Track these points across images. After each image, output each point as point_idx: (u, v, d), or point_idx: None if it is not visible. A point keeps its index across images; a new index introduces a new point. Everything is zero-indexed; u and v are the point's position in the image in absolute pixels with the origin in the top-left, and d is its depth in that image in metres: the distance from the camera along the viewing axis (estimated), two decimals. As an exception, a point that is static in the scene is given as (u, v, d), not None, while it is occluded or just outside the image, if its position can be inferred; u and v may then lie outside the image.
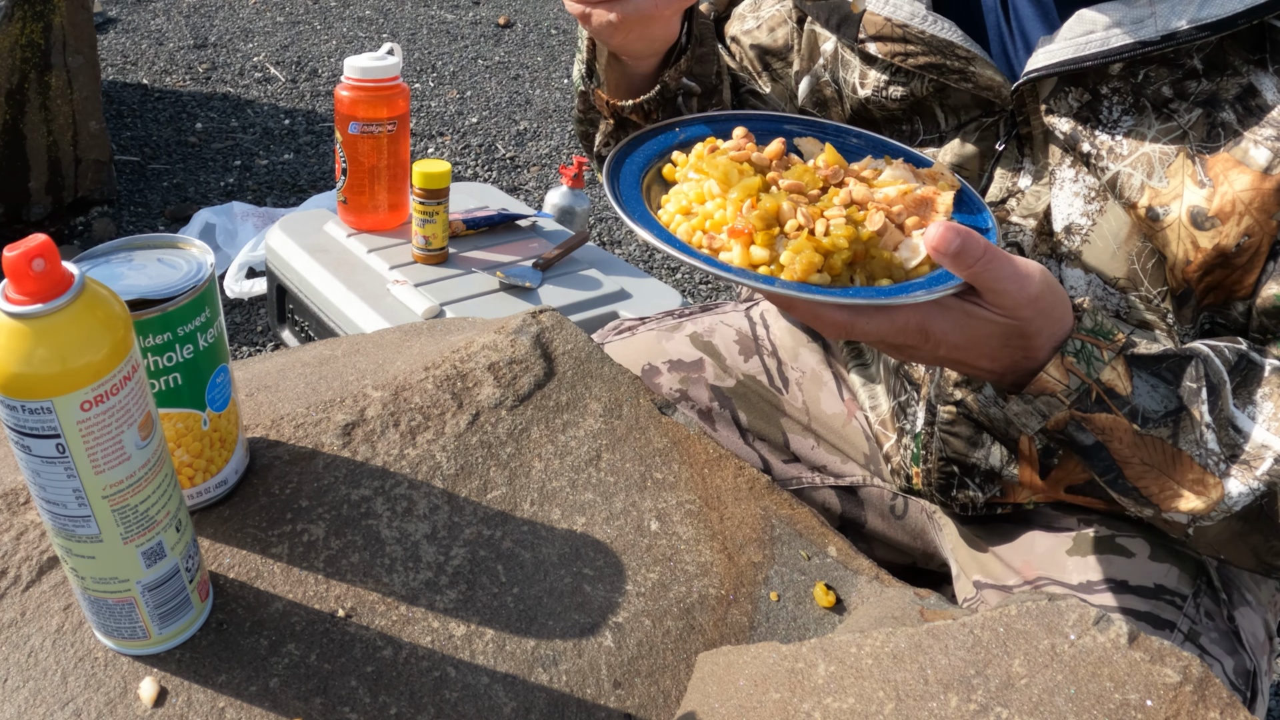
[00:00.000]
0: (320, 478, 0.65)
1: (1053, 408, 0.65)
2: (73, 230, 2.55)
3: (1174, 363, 0.65)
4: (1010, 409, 0.67)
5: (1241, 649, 0.77)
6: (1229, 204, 0.66)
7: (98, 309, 0.45)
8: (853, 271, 0.63)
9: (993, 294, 0.61)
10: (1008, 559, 0.86)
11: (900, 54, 0.78)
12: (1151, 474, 0.65)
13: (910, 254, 0.63)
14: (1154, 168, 0.69)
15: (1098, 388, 0.64)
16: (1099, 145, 0.71)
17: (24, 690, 0.52)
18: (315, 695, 0.54)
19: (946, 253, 0.58)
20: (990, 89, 0.75)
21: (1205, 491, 0.64)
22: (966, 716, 0.50)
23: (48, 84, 2.40)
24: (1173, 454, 0.64)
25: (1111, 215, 0.72)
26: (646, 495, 0.69)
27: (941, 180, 0.71)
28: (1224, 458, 0.64)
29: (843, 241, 0.61)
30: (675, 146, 0.74)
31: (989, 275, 0.59)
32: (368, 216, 1.67)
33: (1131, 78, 0.69)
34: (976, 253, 0.58)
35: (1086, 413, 0.64)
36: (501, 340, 0.77)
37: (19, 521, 0.60)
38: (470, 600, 0.60)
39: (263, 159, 3.03)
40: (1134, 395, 0.64)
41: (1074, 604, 0.54)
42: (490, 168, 3.18)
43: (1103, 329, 0.64)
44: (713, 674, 0.57)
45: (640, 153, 0.72)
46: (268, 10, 4.24)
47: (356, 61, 1.55)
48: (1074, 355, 0.63)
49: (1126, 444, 0.65)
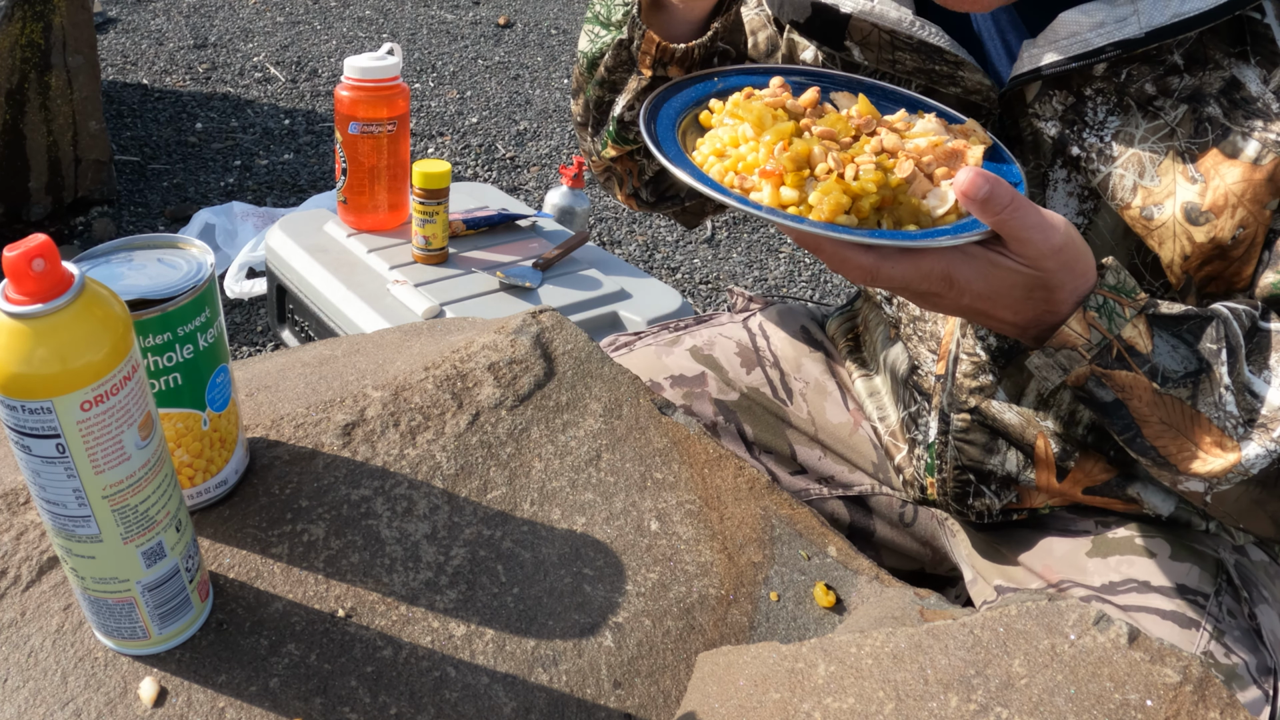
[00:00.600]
0: (320, 478, 0.65)
1: (1074, 361, 0.65)
2: (73, 230, 2.55)
3: (1195, 323, 0.65)
4: (1032, 361, 0.67)
5: (1263, 646, 0.78)
6: (1222, 198, 0.67)
7: (98, 309, 0.45)
8: (880, 217, 0.63)
9: (1018, 242, 0.60)
10: (1028, 564, 0.86)
11: (888, 60, 0.78)
12: (1170, 433, 0.65)
13: (938, 202, 0.64)
14: (1145, 167, 0.69)
15: (1119, 344, 0.64)
16: (1088, 148, 0.71)
17: (24, 690, 0.52)
18: (315, 695, 0.54)
19: (975, 198, 0.58)
20: (978, 93, 0.75)
21: (1223, 454, 0.64)
22: (966, 716, 0.50)
23: (48, 84, 2.40)
24: (1191, 415, 0.64)
25: (1106, 213, 0.73)
26: (646, 495, 0.69)
27: (974, 136, 0.71)
28: (1241, 421, 0.64)
29: (871, 186, 0.62)
30: (713, 95, 0.74)
31: (1015, 223, 0.59)
32: (368, 216, 1.67)
33: (1114, 77, 0.70)
34: (1004, 200, 0.59)
35: (1107, 369, 0.64)
36: (501, 340, 0.77)
37: (19, 521, 0.60)
38: (470, 600, 0.60)
39: (263, 159, 3.03)
40: (1154, 354, 0.64)
41: (1074, 604, 0.54)
42: (490, 168, 3.18)
43: (1125, 286, 0.64)
44: (713, 674, 0.57)
45: (678, 99, 0.73)
46: (268, 10, 4.24)
47: (356, 61, 1.55)
48: (1096, 310, 0.63)
49: (1146, 402, 0.65)
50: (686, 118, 0.72)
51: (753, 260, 2.95)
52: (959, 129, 0.72)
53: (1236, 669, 0.75)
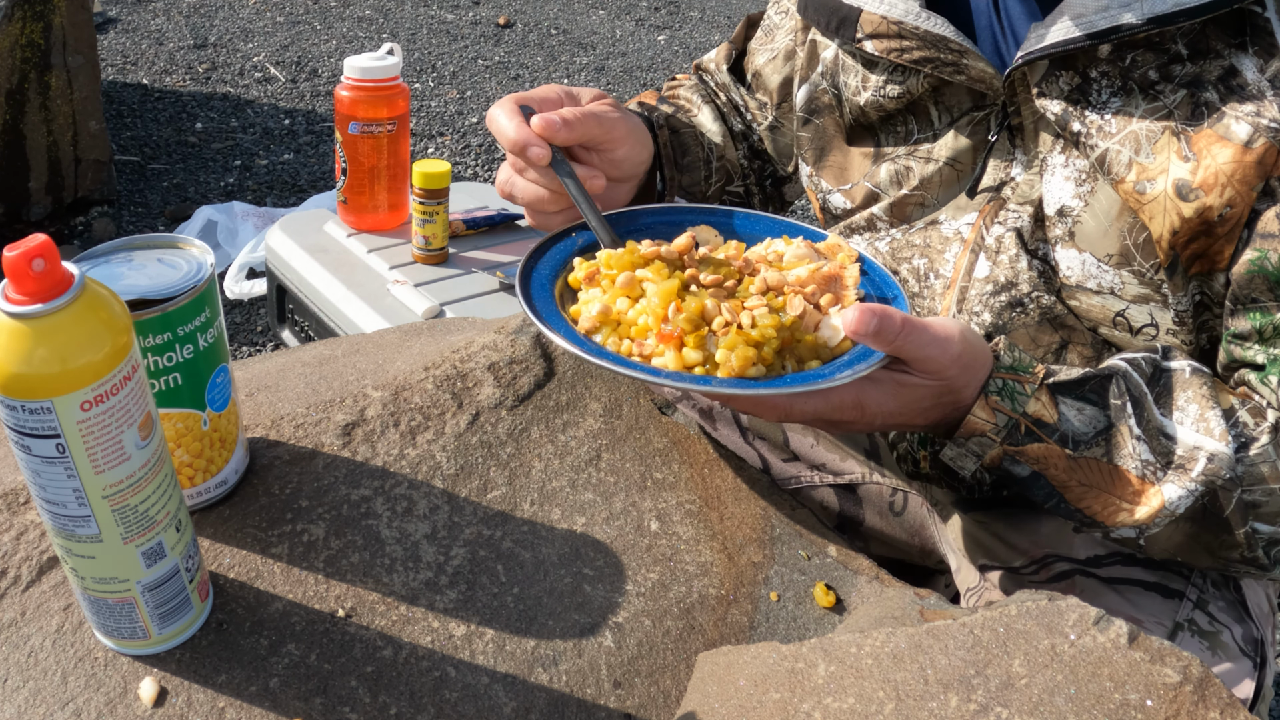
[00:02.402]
0: (320, 478, 0.65)
1: (985, 447, 0.67)
2: (73, 230, 2.55)
3: (1096, 383, 0.67)
4: (945, 454, 0.69)
5: (1248, 617, 0.79)
6: (1212, 176, 0.69)
7: (98, 309, 0.45)
8: (782, 359, 0.65)
9: (919, 362, 0.63)
10: (1013, 541, 0.87)
11: (896, 50, 0.80)
12: (1092, 493, 0.67)
13: (832, 333, 0.66)
14: (1141, 144, 0.72)
15: (1025, 420, 0.66)
16: (1089, 124, 0.74)
17: (24, 690, 0.52)
18: (315, 695, 0.54)
19: (866, 334, 0.61)
20: (982, 80, 0.78)
21: (1146, 500, 0.66)
22: (966, 716, 0.50)
23: (48, 84, 2.40)
24: (1109, 470, 0.67)
25: (1102, 194, 0.75)
26: (646, 495, 0.69)
27: (842, 253, 0.74)
28: (1159, 465, 0.66)
29: (770, 331, 0.63)
30: (576, 253, 0.75)
31: (911, 346, 0.62)
32: (368, 216, 1.67)
33: (1119, 61, 0.72)
34: (895, 329, 0.61)
35: (1018, 445, 0.67)
36: (501, 340, 0.77)
37: (19, 521, 0.60)
38: (470, 600, 0.60)
39: (263, 159, 3.03)
40: (1061, 421, 0.66)
41: (1074, 604, 0.54)
42: (490, 168, 3.18)
43: (1021, 364, 0.67)
44: (713, 674, 0.57)
45: (545, 263, 0.74)
46: (268, 10, 4.24)
47: (356, 61, 1.55)
48: (997, 394, 0.66)
49: (1062, 469, 0.67)
50: (560, 280, 0.72)
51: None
52: (825, 247, 0.75)
53: (1221, 636, 0.76)
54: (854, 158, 0.90)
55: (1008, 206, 0.79)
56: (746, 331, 0.63)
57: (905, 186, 0.86)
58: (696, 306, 0.64)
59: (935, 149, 0.83)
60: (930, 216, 0.85)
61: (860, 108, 0.87)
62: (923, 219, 0.86)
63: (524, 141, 0.76)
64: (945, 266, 0.84)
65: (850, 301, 0.68)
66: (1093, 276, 0.77)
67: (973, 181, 0.82)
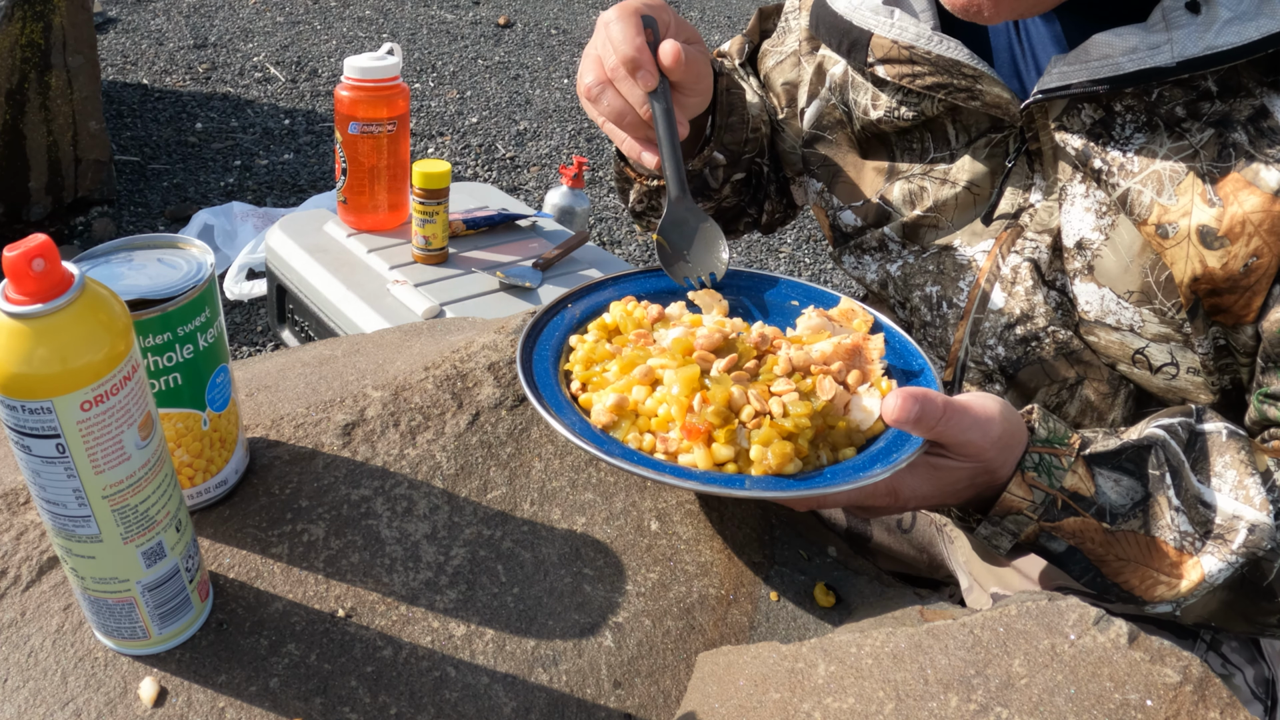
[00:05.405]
0: (320, 478, 0.65)
1: (1021, 525, 0.65)
2: (73, 230, 2.55)
3: (1133, 453, 0.65)
4: (980, 532, 0.67)
5: (1261, 658, 0.77)
6: (1238, 224, 0.66)
7: (98, 309, 0.45)
8: (816, 447, 0.61)
9: (959, 446, 0.61)
10: (1025, 570, 0.86)
11: (908, 75, 0.78)
12: (1130, 567, 0.65)
13: (864, 415, 0.63)
14: (1164, 185, 0.69)
15: (1062, 495, 0.64)
16: (1110, 162, 0.71)
17: (24, 690, 0.52)
18: (315, 695, 0.54)
19: (908, 421, 0.59)
20: (998, 106, 0.75)
21: (1185, 573, 0.64)
22: (966, 716, 0.50)
23: (48, 84, 2.40)
24: (1147, 543, 0.64)
25: (1123, 229, 0.72)
26: (646, 495, 0.69)
27: (857, 318, 0.71)
28: (1198, 535, 0.64)
29: (805, 420, 0.59)
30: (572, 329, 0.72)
31: (952, 430, 0.60)
32: (368, 216, 1.67)
33: (1146, 96, 0.69)
34: (936, 414, 0.59)
35: (1054, 521, 0.64)
36: (501, 340, 0.77)
37: (19, 521, 0.60)
38: (470, 600, 0.60)
39: (263, 159, 3.03)
40: (1098, 494, 0.64)
41: (1074, 604, 0.54)
42: (490, 168, 3.19)
43: (1057, 435, 0.65)
44: (713, 674, 0.57)
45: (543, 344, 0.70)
46: (268, 10, 4.24)
47: (356, 61, 1.55)
48: (1034, 469, 0.64)
49: (1099, 543, 0.65)
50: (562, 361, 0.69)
51: (753, 259, 2.95)
52: (839, 314, 0.71)
53: (1233, 680, 0.75)
54: (867, 172, 0.88)
55: (1025, 235, 0.77)
56: (779, 422, 0.59)
57: (919, 207, 0.83)
58: (723, 396, 0.59)
59: (954, 171, 0.81)
60: (944, 240, 0.82)
61: (872, 123, 0.85)
62: (936, 242, 0.83)
63: (640, 62, 0.72)
64: (959, 296, 0.81)
65: (877, 376, 0.65)
66: (1112, 312, 0.74)
67: (989, 208, 0.79)
